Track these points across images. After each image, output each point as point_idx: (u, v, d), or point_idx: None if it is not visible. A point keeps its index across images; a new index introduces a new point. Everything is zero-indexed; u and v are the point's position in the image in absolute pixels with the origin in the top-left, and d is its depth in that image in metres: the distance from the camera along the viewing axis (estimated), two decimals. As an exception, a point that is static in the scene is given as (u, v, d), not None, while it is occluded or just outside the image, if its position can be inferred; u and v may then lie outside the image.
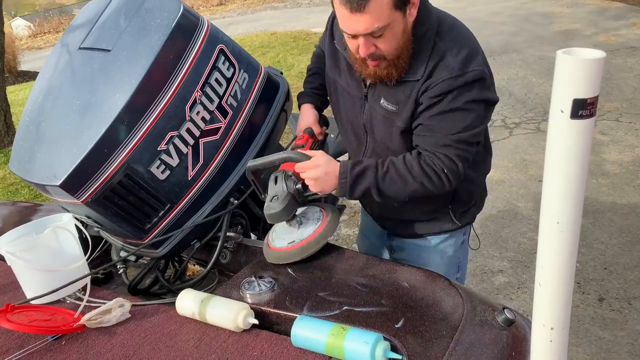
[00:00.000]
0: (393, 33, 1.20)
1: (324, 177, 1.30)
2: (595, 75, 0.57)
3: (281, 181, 1.34)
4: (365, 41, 1.21)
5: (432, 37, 1.26)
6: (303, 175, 1.32)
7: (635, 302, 2.54)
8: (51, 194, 1.28)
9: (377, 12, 1.14)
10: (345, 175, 1.30)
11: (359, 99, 1.43)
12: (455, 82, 1.23)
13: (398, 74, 1.28)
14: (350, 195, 1.33)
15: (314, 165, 1.30)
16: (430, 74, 1.25)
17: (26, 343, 1.15)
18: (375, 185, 1.30)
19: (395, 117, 1.34)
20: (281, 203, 1.29)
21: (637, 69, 5.73)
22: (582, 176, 0.61)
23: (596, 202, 3.42)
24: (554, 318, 0.71)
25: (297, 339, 1.02)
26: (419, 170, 1.28)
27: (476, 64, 1.24)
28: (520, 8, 9.64)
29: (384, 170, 1.31)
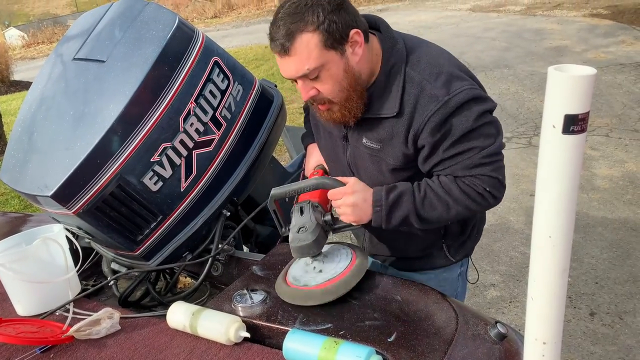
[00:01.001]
0: (331, 74, 1.13)
1: (363, 204, 1.20)
2: (586, 92, 0.58)
3: (308, 212, 1.23)
4: (303, 84, 1.16)
5: (401, 68, 1.19)
6: (338, 202, 1.22)
7: (626, 317, 2.55)
8: (42, 205, 1.27)
9: (304, 53, 1.09)
10: (380, 202, 1.20)
11: (340, 139, 1.36)
12: (447, 108, 1.14)
13: (354, 115, 1.21)
14: (386, 225, 1.22)
15: (352, 191, 1.20)
16: (413, 109, 1.17)
17: (14, 355, 1.13)
18: (415, 212, 1.20)
19: (382, 155, 1.27)
20: (311, 234, 1.16)
21: (626, 86, 5.81)
22: (573, 190, 0.62)
23: (587, 216, 3.44)
24: (547, 332, 0.71)
25: (289, 352, 1.01)
26: (459, 194, 1.19)
27: (459, 84, 1.16)
28: (512, 24, 9.78)
29: (421, 195, 1.20)
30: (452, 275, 1.51)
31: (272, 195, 1.27)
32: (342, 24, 1.10)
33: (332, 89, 1.16)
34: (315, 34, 1.09)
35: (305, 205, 1.26)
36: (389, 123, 1.22)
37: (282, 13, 1.12)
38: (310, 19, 1.08)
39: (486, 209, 1.26)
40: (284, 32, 1.10)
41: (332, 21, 1.09)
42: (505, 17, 10.64)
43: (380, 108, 1.22)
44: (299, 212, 1.25)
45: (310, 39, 1.09)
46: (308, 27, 1.09)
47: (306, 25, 1.08)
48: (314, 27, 1.08)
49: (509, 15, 10.72)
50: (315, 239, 1.16)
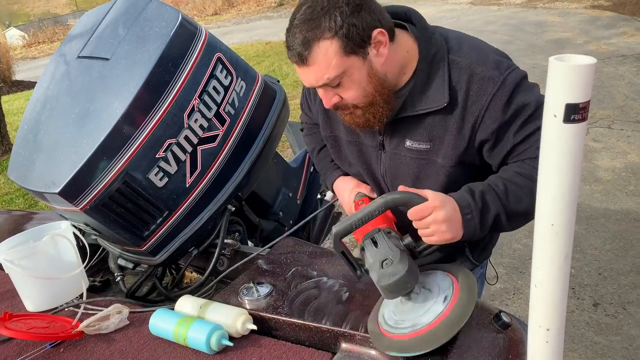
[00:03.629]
0: (353, 80, 1.06)
1: (455, 215, 1.02)
2: (586, 81, 0.59)
3: (383, 240, 1.04)
4: (324, 92, 1.10)
5: (444, 56, 1.11)
6: (427, 220, 1.01)
7: (629, 307, 2.56)
8: (49, 202, 1.28)
9: (323, 62, 1.03)
10: (470, 208, 1.04)
11: (372, 147, 1.26)
12: (504, 90, 1.07)
13: (380, 118, 1.13)
14: (481, 232, 1.06)
15: (441, 204, 1.00)
16: (466, 96, 1.09)
17: (24, 350, 1.15)
18: (504, 209, 1.06)
19: (432, 155, 1.16)
20: (401, 264, 0.95)
21: (628, 77, 5.80)
22: (575, 178, 0.63)
23: (589, 208, 3.45)
24: (550, 319, 0.72)
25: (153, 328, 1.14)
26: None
27: (507, 62, 1.11)
28: (512, 17, 9.74)
29: (502, 188, 1.07)
30: None
31: (335, 234, 1.03)
32: (362, 26, 1.02)
33: (355, 95, 1.09)
34: (333, 41, 1.01)
35: (376, 234, 1.06)
36: (438, 117, 1.13)
37: (297, 19, 1.04)
38: (328, 25, 1.00)
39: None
40: (300, 41, 1.03)
41: (351, 25, 1.01)
42: (506, 9, 10.60)
43: (425, 102, 1.12)
44: (372, 244, 1.05)
45: (328, 47, 1.01)
46: (325, 34, 1.01)
47: (323, 32, 1.01)
48: (331, 33, 1.01)
49: (509, 8, 10.68)
50: (407, 268, 0.95)
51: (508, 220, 1.08)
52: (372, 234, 1.08)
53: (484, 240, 1.38)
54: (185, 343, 1.08)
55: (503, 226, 1.09)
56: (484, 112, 1.09)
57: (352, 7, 1.02)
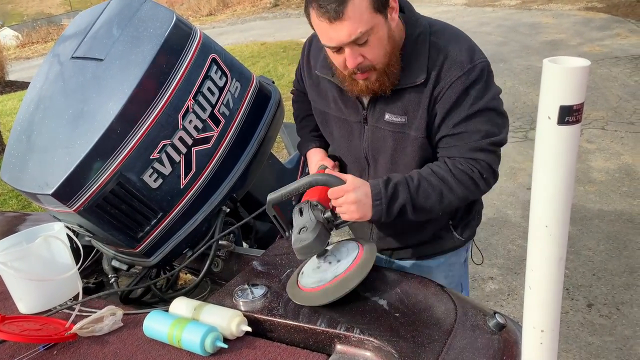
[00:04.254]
0: (378, 38, 1.15)
1: (365, 199, 1.17)
2: (580, 83, 0.59)
3: (307, 211, 1.20)
4: (351, 51, 1.15)
5: (427, 37, 1.23)
6: (339, 201, 1.18)
7: (623, 308, 2.57)
8: (43, 203, 1.28)
9: (357, 16, 1.09)
10: (380, 195, 1.18)
11: (356, 123, 1.36)
12: (469, 77, 1.18)
13: (391, 83, 1.23)
14: (386, 217, 1.21)
15: (353, 187, 1.16)
16: (438, 75, 1.20)
17: (17, 353, 1.14)
18: (411, 202, 1.20)
19: (406, 129, 1.27)
20: (312, 232, 1.14)
21: (621, 78, 5.83)
22: (569, 180, 0.63)
23: (583, 209, 3.47)
24: (544, 320, 0.72)
25: (147, 330, 1.14)
26: (453, 181, 1.21)
27: (480, 55, 1.22)
28: (507, 19, 9.78)
29: (415, 184, 1.21)
30: (459, 260, 1.56)
31: (268, 200, 1.23)
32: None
33: (378, 53, 1.17)
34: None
35: (304, 205, 1.23)
36: (415, 92, 1.24)
37: None
38: None
39: (477, 197, 1.29)
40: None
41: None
42: (500, 11, 10.64)
43: (406, 77, 1.23)
44: (299, 213, 1.22)
45: (361, 2, 1.10)
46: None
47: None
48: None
49: (504, 10, 10.73)
50: (316, 236, 1.14)
51: (414, 211, 1.22)
52: (301, 204, 1.23)
53: (467, 217, 1.48)
54: (179, 345, 1.08)
55: (409, 216, 1.22)
56: (444, 91, 1.20)
57: None
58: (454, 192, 1.22)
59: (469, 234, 1.51)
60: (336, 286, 1.12)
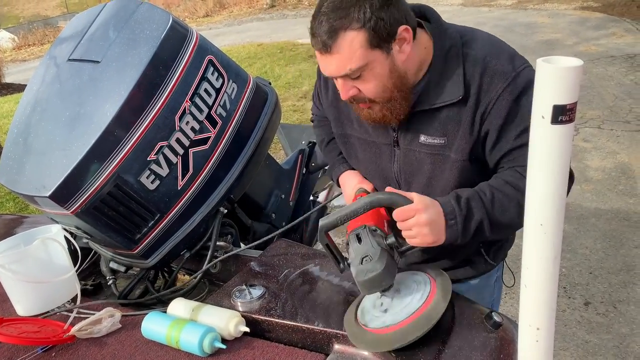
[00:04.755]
0: (374, 74, 1.06)
1: (439, 219, 1.03)
2: (573, 82, 0.60)
3: (367, 238, 1.04)
4: (342, 83, 1.09)
5: (459, 49, 1.11)
6: (410, 222, 1.03)
7: (620, 306, 2.59)
8: (40, 205, 1.28)
9: (347, 52, 1.02)
10: (454, 214, 1.05)
11: (385, 145, 1.25)
12: (515, 86, 1.06)
13: (399, 113, 1.13)
14: (463, 238, 1.07)
15: (424, 207, 1.02)
16: (479, 88, 1.09)
17: (15, 355, 1.14)
18: (488, 217, 1.06)
19: (446, 150, 1.16)
20: (379, 262, 0.97)
21: (617, 78, 5.86)
22: (563, 178, 0.64)
23: (580, 208, 3.48)
24: (540, 318, 0.73)
25: (146, 331, 1.14)
26: None
27: (521, 59, 1.11)
28: (503, 18, 9.81)
29: (488, 197, 1.08)
30: (490, 282, 1.46)
31: (321, 227, 1.05)
32: (390, 21, 1.02)
33: (374, 89, 1.08)
34: (360, 33, 1.01)
35: (361, 231, 1.07)
36: (454, 111, 1.12)
37: (325, 6, 1.03)
38: (356, 16, 1.00)
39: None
40: (327, 29, 1.01)
41: (379, 18, 1.00)
42: (496, 11, 10.67)
43: (440, 95, 1.11)
44: (356, 240, 1.06)
45: (354, 38, 1.01)
46: (353, 25, 1.00)
47: (351, 23, 1.00)
48: (359, 24, 1.00)
49: (500, 10, 10.76)
50: (384, 266, 0.97)
51: (491, 228, 1.08)
52: (358, 230, 1.09)
53: (499, 241, 1.37)
54: (177, 346, 1.08)
55: (486, 234, 1.09)
56: (492, 106, 1.08)
57: (382, 1, 1.02)
58: None
59: (501, 257, 1.42)
60: (414, 325, 0.96)
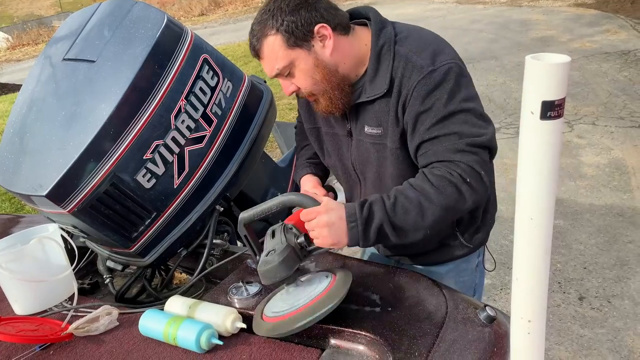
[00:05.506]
0: (301, 69, 1.20)
1: (339, 222, 1.09)
2: (561, 79, 0.61)
3: (279, 234, 1.14)
4: (282, 82, 1.25)
5: (391, 47, 1.20)
6: (312, 224, 1.11)
7: (614, 300, 2.61)
8: (37, 205, 1.28)
9: (272, 55, 1.19)
10: (354, 217, 1.10)
11: (344, 136, 1.36)
12: (430, 80, 1.13)
13: (335, 106, 1.24)
14: (364, 242, 1.11)
15: (326, 209, 1.10)
16: (400, 82, 1.17)
17: (13, 354, 1.14)
18: (388, 220, 1.10)
19: (384, 139, 1.25)
20: (279, 256, 1.06)
21: (611, 74, 5.89)
22: (553, 173, 0.65)
23: (574, 203, 3.50)
24: (531, 311, 0.74)
25: (143, 329, 1.15)
26: (431, 189, 1.10)
27: (446, 57, 1.16)
28: (498, 15, 9.83)
29: (391, 201, 1.11)
30: (470, 266, 1.49)
31: (240, 219, 1.17)
32: (301, 22, 1.16)
33: (306, 83, 1.22)
34: (277, 36, 1.17)
35: (277, 227, 1.17)
36: (383, 103, 1.22)
37: (253, 22, 1.22)
38: (271, 23, 1.17)
39: (464, 207, 1.14)
40: (255, 39, 1.21)
41: (290, 22, 1.16)
42: (491, 8, 10.70)
43: (372, 89, 1.23)
44: (271, 235, 1.16)
45: (273, 42, 1.18)
46: (270, 31, 1.18)
47: (269, 30, 1.18)
48: (274, 30, 1.17)
49: (495, 7, 10.78)
50: (282, 260, 1.05)
51: (394, 231, 1.12)
52: (275, 226, 1.18)
53: (475, 222, 1.39)
54: (175, 343, 1.09)
55: (389, 238, 1.13)
56: (409, 98, 1.17)
57: (292, 7, 1.17)
58: (433, 202, 1.10)
59: (479, 240, 1.44)
60: (294, 318, 1.04)
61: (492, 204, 1.45)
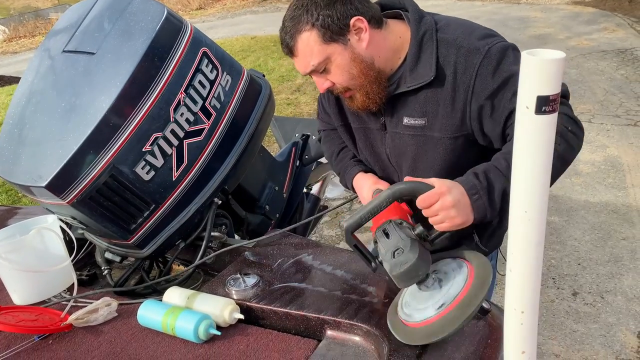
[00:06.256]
0: (337, 65, 1.18)
1: (463, 199, 1.03)
2: (556, 74, 0.62)
3: (394, 231, 1.04)
4: (316, 79, 1.23)
5: (433, 34, 1.19)
6: (435, 207, 1.03)
7: (607, 296, 2.64)
8: (36, 196, 1.29)
9: (307, 51, 1.17)
10: (475, 188, 1.04)
11: (377, 130, 1.34)
12: (491, 58, 1.12)
13: (373, 101, 1.22)
14: (491, 212, 1.05)
15: (447, 189, 1.02)
16: (455, 69, 1.15)
17: (13, 343, 1.15)
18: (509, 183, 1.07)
19: (428, 131, 1.22)
20: (412, 253, 0.96)
21: (608, 72, 5.91)
22: (547, 167, 0.66)
23: (570, 200, 3.53)
24: (524, 302, 0.75)
25: (142, 319, 1.16)
26: None
27: (496, 38, 1.16)
28: (496, 13, 9.84)
29: (504, 164, 1.07)
30: None
31: (346, 228, 1.05)
32: (337, 16, 1.14)
33: (342, 78, 1.20)
34: (312, 32, 1.15)
35: (387, 226, 1.07)
36: (429, 91, 1.19)
37: (285, 18, 1.19)
38: (305, 19, 1.15)
39: (575, 153, 1.11)
40: (288, 35, 1.18)
41: (326, 16, 1.14)
42: (490, 5, 10.70)
43: (414, 78, 1.19)
44: (384, 236, 1.06)
45: (309, 37, 1.15)
46: (305, 27, 1.15)
47: (304, 25, 1.15)
48: (309, 25, 1.15)
49: (493, 4, 10.79)
50: (418, 256, 0.96)
51: None
52: (384, 226, 1.08)
53: (491, 226, 1.37)
54: (173, 333, 1.10)
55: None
56: (473, 81, 1.14)
57: (327, 1, 1.15)
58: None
59: (494, 244, 1.42)
60: (456, 312, 0.94)
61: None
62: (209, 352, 1.06)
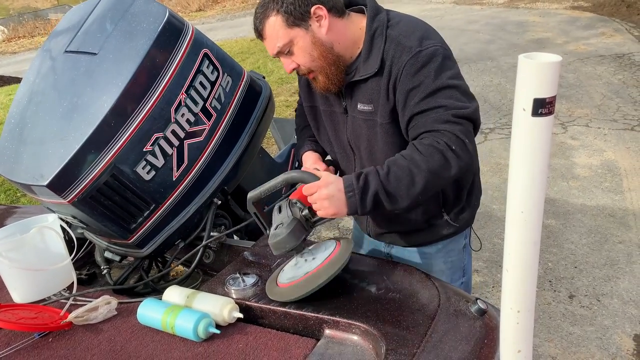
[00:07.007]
0: (299, 47, 1.29)
1: (338, 194, 1.19)
2: (552, 77, 0.63)
3: (285, 209, 1.24)
4: (283, 60, 1.33)
5: (383, 30, 1.31)
6: (314, 197, 1.21)
7: (603, 299, 2.65)
8: (37, 194, 1.30)
9: (273, 34, 1.28)
10: (352, 187, 1.20)
11: (340, 114, 1.44)
12: (418, 59, 1.23)
13: (332, 82, 1.33)
14: (362, 209, 1.20)
15: (325, 183, 1.20)
16: (391, 62, 1.27)
17: (12, 341, 1.16)
18: (383, 189, 1.19)
19: (374, 116, 1.34)
20: (286, 228, 1.17)
21: (605, 77, 5.94)
22: (543, 168, 0.68)
23: (567, 204, 3.54)
24: (520, 301, 0.77)
25: (142, 317, 1.17)
26: (419, 157, 1.19)
27: (433, 41, 1.26)
28: (495, 17, 9.87)
29: (385, 170, 1.21)
30: (457, 246, 1.57)
31: (248, 198, 1.28)
32: (299, 3, 1.26)
33: (304, 59, 1.31)
34: (277, 17, 1.27)
35: (283, 203, 1.27)
36: (374, 81, 1.32)
37: (257, 6, 1.32)
38: (272, 6, 1.27)
39: (452, 173, 1.21)
40: (258, 20, 1.30)
41: (289, 3, 1.26)
42: (488, 9, 10.73)
43: (365, 69, 1.32)
44: (278, 210, 1.26)
45: (274, 22, 1.27)
46: (271, 12, 1.27)
47: (270, 11, 1.27)
48: (275, 11, 1.27)
49: (492, 8, 10.82)
50: (290, 231, 1.16)
51: (388, 198, 1.20)
52: (282, 202, 1.28)
53: (459, 203, 1.49)
54: (173, 331, 1.11)
55: (384, 204, 1.21)
56: (399, 77, 1.27)
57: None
58: (422, 168, 1.18)
59: (465, 221, 1.52)
60: (305, 282, 1.14)
61: (477, 187, 1.55)
62: (208, 351, 1.07)
